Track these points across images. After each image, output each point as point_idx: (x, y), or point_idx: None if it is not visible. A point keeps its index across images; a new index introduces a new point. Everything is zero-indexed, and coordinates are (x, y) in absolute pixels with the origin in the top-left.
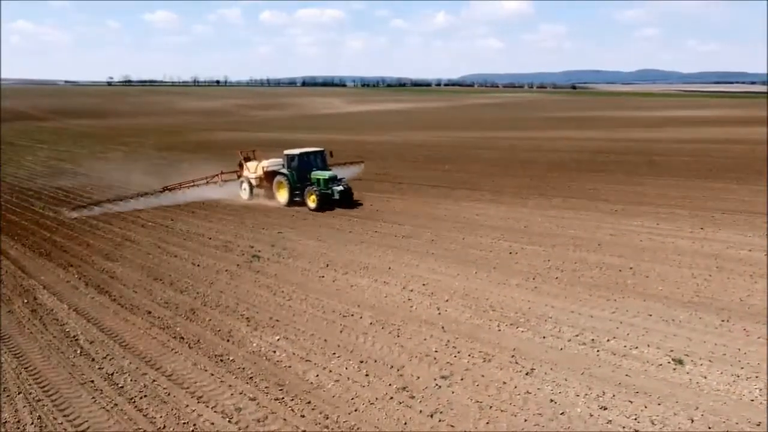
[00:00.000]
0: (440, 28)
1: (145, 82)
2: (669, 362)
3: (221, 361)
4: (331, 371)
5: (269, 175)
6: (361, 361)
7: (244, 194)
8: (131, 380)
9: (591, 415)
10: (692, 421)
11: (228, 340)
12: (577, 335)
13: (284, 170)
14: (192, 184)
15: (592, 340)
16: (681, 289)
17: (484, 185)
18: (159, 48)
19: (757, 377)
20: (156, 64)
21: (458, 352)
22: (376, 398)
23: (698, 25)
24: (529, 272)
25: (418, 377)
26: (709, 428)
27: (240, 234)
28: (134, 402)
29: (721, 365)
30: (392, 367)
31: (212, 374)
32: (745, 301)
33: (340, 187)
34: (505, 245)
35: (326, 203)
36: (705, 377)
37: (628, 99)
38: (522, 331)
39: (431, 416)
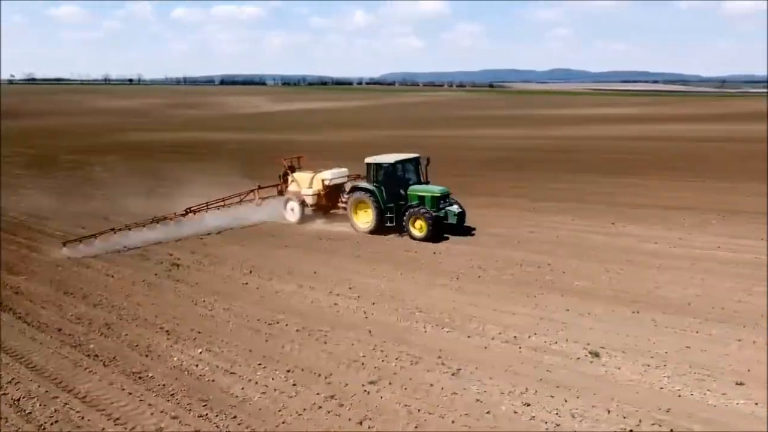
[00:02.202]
0: (361, 27)
1: (50, 80)
2: (586, 355)
3: (140, 378)
4: (257, 383)
5: (332, 191)
6: (288, 371)
7: (292, 216)
8: (40, 405)
9: (515, 413)
10: (609, 411)
11: (147, 356)
12: (500, 333)
13: (366, 185)
14: (222, 203)
15: (515, 337)
16: (596, 283)
17: None
18: (66, 44)
19: (665, 366)
20: (63, 62)
21: (386, 356)
22: (304, 408)
23: (606, 25)
24: (454, 272)
25: (347, 384)
26: (624, 418)
27: (157, 240)
28: (44, 429)
29: (633, 356)
30: (320, 375)
31: (130, 393)
32: (653, 293)
33: (456, 208)
34: (431, 246)
35: (440, 230)
36: (619, 368)
37: (547, 97)
38: (448, 332)
39: (360, 423)
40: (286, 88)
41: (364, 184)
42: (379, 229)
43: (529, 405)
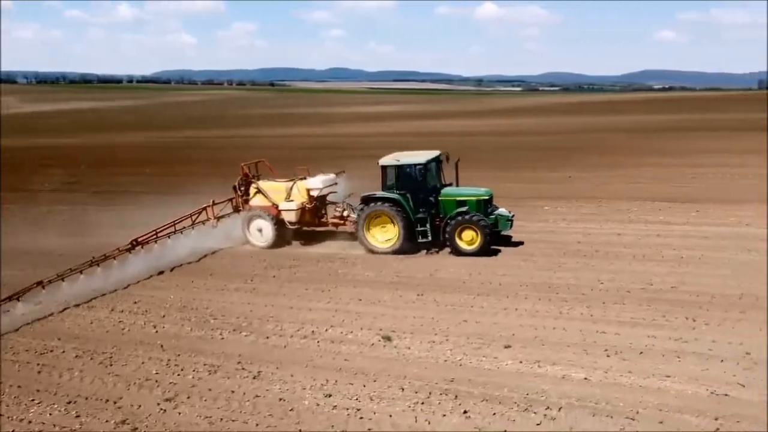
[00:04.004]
0: (126, 21)
1: None
2: (379, 340)
3: None
4: (31, 422)
5: (317, 204)
6: (69, 402)
7: (260, 238)
8: None
9: (318, 405)
10: (402, 389)
11: None
12: (298, 330)
13: (386, 194)
14: (173, 230)
15: (312, 332)
16: (384, 271)
17: (192, 188)
18: None
19: (447, 340)
20: None
21: (182, 370)
22: None
23: (375, 27)
24: (248, 274)
25: (140, 405)
26: (416, 393)
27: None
28: None
29: (420, 335)
30: (108, 400)
31: None
32: (434, 275)
33: (505, 211)
34: (221, 250)
35: (493, 240)
36: (409, 348)
37: (328, 96)
38: (245, 335)
39: None
40: (42, 86)
41: (382, 193)
42: (406, 246)
43: (330, 395)
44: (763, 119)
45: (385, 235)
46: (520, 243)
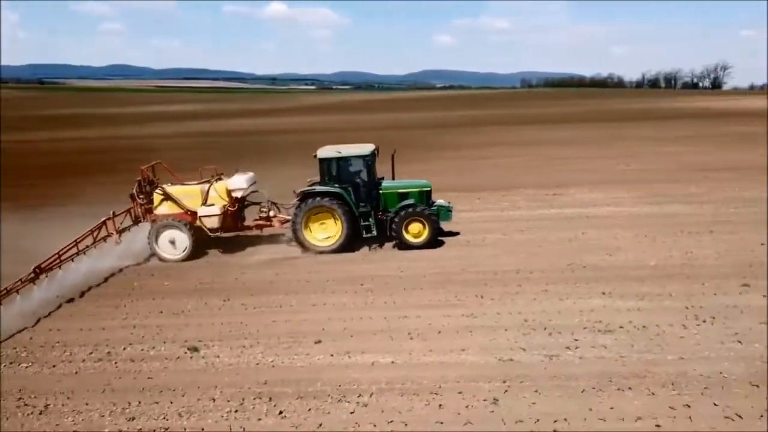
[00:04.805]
0: None
1: None
2: (186, 352)
3: None
4: None
5: (239, 205)
6: None
7: (172, 251)
8: None
9: (120, 431)
10: (214, 400)
11: None
12: (91, 353)
13: (327, 188)
14: (76, 251)
15: (108, 353)
16: (185, 280)
17: None
18: None
19: (258, 343)
20: None
21: None
22: None
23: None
24: None
25: None
26: (228, 401)
27: None
28: None
29: (229, 342)
30: None
31: None
32: (239, 279)
33: (446, 203)
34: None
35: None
36: (218, 356)
37: (111, 95)
38: (27, 367)
39: None
40: None
41: (322, 187)
42: (348, 243)
43: (133, 419)
44: (526, 114)
45: (325, 232)
46: None
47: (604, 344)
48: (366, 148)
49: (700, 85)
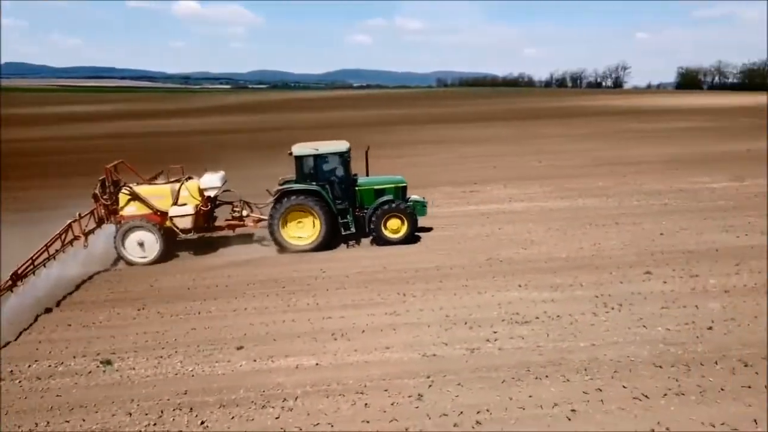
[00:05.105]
0: None
1: None
2: (98, 366)
3: None
4: None
5: (211, 205)
6: None
7: (141, 254)
8: None
9: None
10: (131, 414)
11: None
12: None
13: (307, 186)
14: (48, 254)
15: (11, 371)
16: (92, 289)
17: None
18: None
19: (176, 352)
20: None
21: None
22: None
23: (58, 18)
24: None
25: None
26: (146, 414)
27: None
28: None
29: (145, 353)
30: None
31: None
32: (154, 286)
33: (420, 198)
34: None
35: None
36: (134, 368)
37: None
38: None
39: None
40: None
41: (300, 185)
42: (327, 242)
43: None
44: (442, 113)
45: (302, 231)
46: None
47: (521, 335)
48: (342, 145)
49: (603, 84)
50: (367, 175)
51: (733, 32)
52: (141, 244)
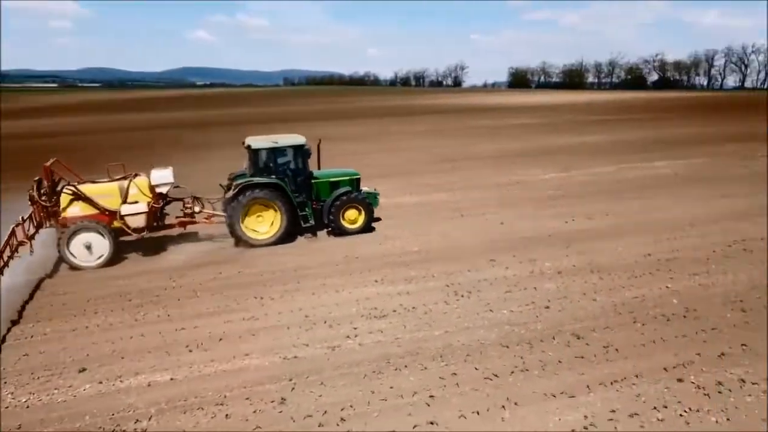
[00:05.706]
0: None
1: None
2: None
3: None
4: None
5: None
6: None
7: (89, 256)
8: None
9: None
10: None
11: None
12: None
13: (267, 180)
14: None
15: None
16: None
17: None
18: None
19: (6, 383)
20: None
21: None
22: None
23: None
24: None
25: None
26: None
27: None
28: None
29: None
30: None
31: None
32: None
33: (372, 190)
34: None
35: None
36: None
37: None
38: None
39: None
40: None
41: (260, 179)
42: (287, 235)
43: None
44: (289, 112)
45: (262, 225)
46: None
47: (380, 329)
48: (298, 139)
49: (444, 83)
50: (319, 168)
51: (555, 35)
52: (88, 247)
